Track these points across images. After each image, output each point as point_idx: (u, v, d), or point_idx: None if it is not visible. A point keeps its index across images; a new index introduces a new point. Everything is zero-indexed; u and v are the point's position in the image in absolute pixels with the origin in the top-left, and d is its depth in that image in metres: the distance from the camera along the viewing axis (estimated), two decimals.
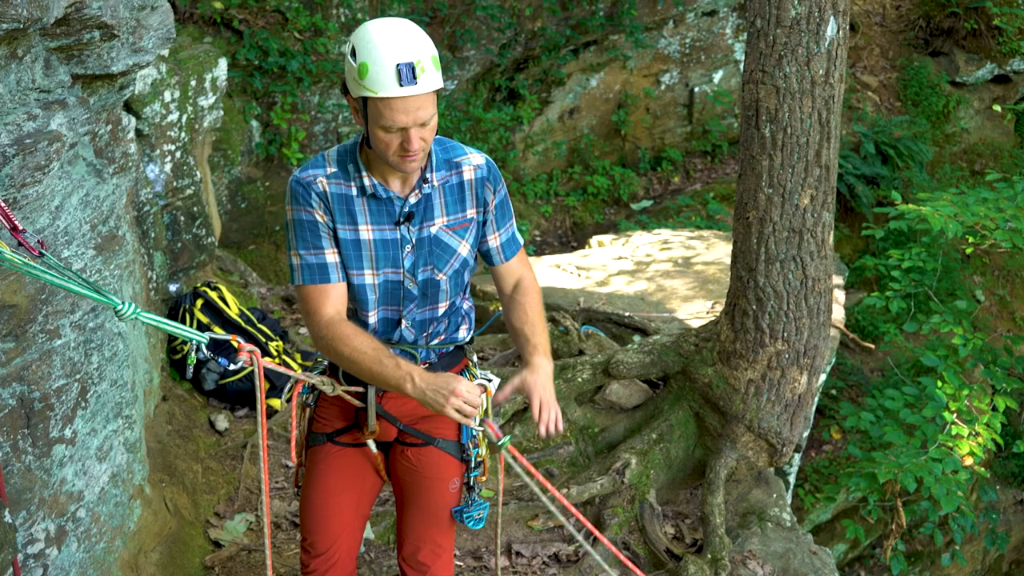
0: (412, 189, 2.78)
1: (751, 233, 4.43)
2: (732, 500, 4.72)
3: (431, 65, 2.54)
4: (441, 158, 2.82)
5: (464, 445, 3.04)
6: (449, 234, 2.85)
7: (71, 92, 3.22)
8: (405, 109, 2.53)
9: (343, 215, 2.78)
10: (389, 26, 2.57)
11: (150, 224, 4.92)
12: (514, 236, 3.00)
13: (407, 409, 2.99)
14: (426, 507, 3.05)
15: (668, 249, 8.53)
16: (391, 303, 2.91)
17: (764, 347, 4.49)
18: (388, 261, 2.83)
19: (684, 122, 13.44)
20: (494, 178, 2.87)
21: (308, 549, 3.08)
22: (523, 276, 3.02)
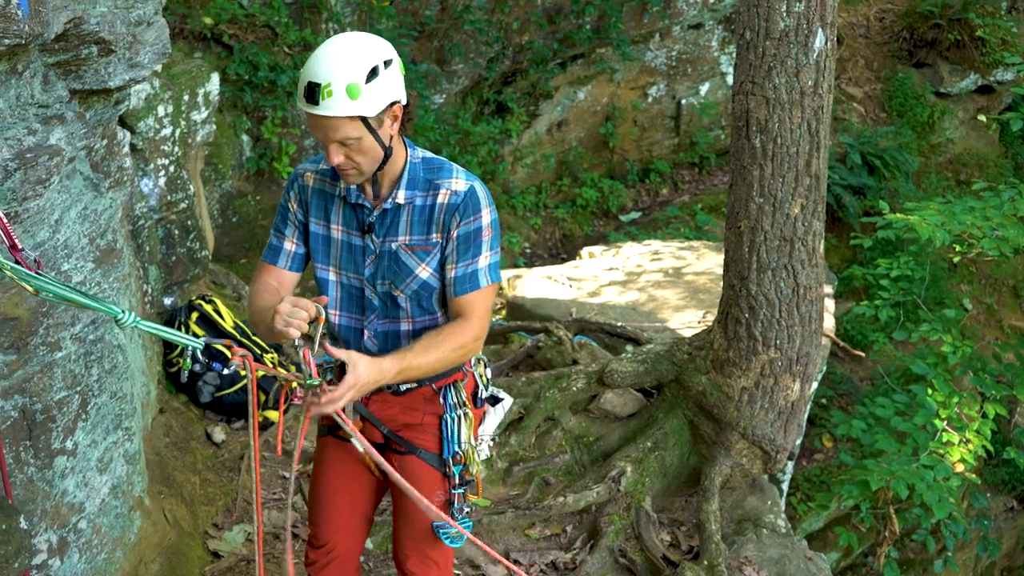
0: (381, 202, 2.85)
1: (743, 242, 4.48)
2: (727, 507, 4.76)
3: (342, 91, 2.56)
4: (423, 177, 2.84)
5: (445, 460, 3.04)
6: (409, 253, 2.85)
7: (69, 107, 3.24)
8: (314, 124, 2.66)
9: (319, 210, 2.93)
10: (334, 44, 2.64)
11: (145, 238, 4.94)
12: (473, 275, 2.84)
13: (391, 413, 3.04)
14: (411, 517, 3.07)
15: (659, 260, 8.59)
16: (354, 310, 2.99)
17: (757, 355, 4.54)
18: (351, 266, 2.93)
19: (671, 134, 13.54)
20: (465, 208, 2.80)
21: (311, 540, 3.18)
22: (462, 317, 2.86)
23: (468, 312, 2.85)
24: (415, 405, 3.02)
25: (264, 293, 2.90)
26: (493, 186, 12.04)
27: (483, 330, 2.88)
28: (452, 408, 3.04)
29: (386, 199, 2.83)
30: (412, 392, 3.00)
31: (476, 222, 2.81)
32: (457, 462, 3.04)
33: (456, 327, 2.83)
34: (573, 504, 4.58)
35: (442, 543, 3.07)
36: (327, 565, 3.14)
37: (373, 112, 2.62)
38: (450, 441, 3.04)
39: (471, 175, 2.88)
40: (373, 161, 2.72)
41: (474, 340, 2.85)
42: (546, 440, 5.05)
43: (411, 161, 2.85)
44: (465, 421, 3.05)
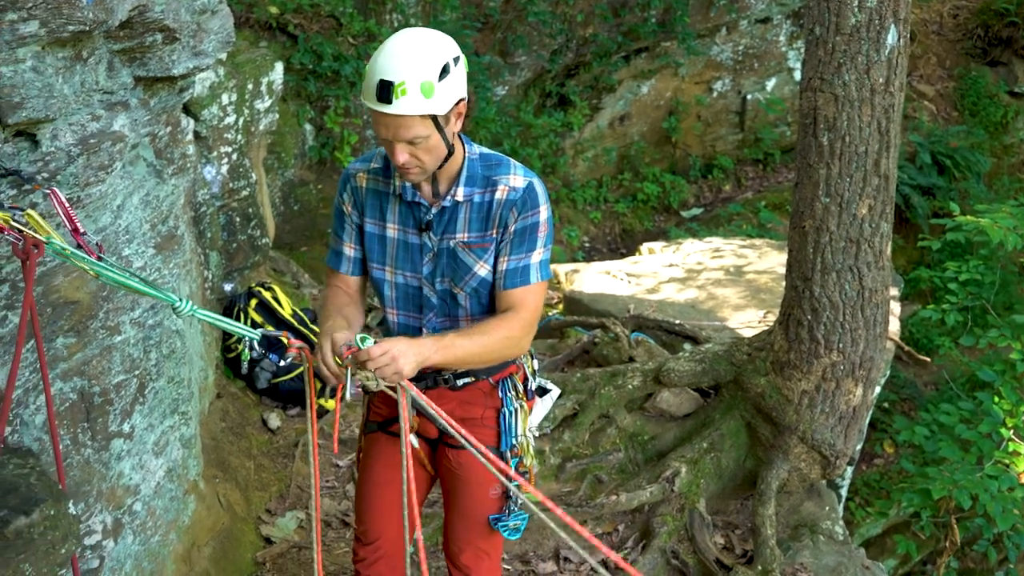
0: (439, 200, 2.81)
1: (807, 242, 4.38)
2: (783, 512, 4.66)
3: (416, 90, 2.51)
4: (481, 174, 2.79)
5: (503, 453, 3.01)
6: (467, 251, 2.82)
7: (133, 94, 3.27)
8: (384, 123, 2.58)
9: (374, 210, 2.89)
10: (402, 39, 2.58)
11: (206, 224, 4.99)
12: (525, 270, 2.80)
13: (447, 408, 2.97)
14: (466, 511, 3.06)
15: (720, 257, 8.46)
16: (411, 309, 2.96)
17: (819, 358, 4.43)
18: (408, 264, 2.89)
19: (736, 130, 13.36)
20: (524, 204, 2.76)
21: (359, 537, 3.17)
22: (513, 309, 2.81)
23: (517, 307, 2.80)
24: (473, 399, 3.00)
25: (335, 297, 2.93)
26: (553, 179, 11.99)
27: (531, 325, 2.83)
28: (510, 401, 3.02)
29: (445, 197, 2.79)
30: (470, 387, 2.97)
31: (533, 217, 2.77)
32: (514, 454, 3.02)
33: (504, 318, 2.78)
34: (626, 503, 4.52)
35: (496, 536, 3.06)
36: (375, 562, 3.13)
37: (444, 110, 2.58)
38: (507, 434, 3.01)
39: (529, 171, 2.83)
40: (437, 159, 2.67)
41: (522, 334, 2.81)
42: (600, 437, 5.00)
43: (469, 157, 2.80)
44: (521, 413, 3.03)
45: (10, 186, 2.54)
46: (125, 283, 2.37)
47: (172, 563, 3.66)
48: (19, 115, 2.46)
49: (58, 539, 1.53)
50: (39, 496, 1.57)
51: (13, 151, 2.61)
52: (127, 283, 2.37)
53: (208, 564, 3.87)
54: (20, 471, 1.67)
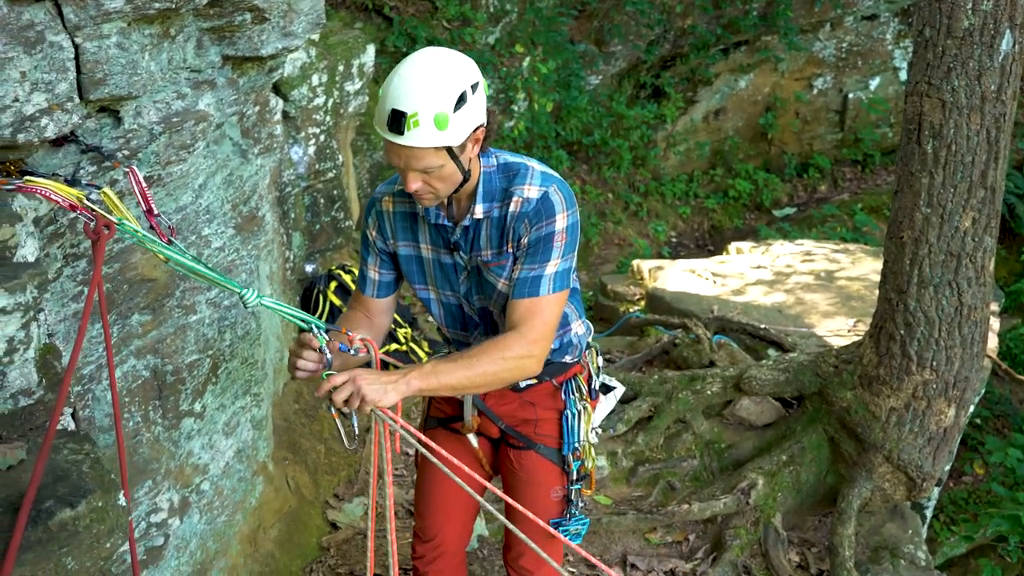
0: (460, 219, 2.68)
1: (904, 253, 4.17)
2: (863, 532, 4.48)
3: (429, 121, 2.35)
4: (499, 187, 2.64)
5: (566, 456, 2.94)
6: (488, 270, 2.70)
7: (221, 73, 3.25)
8: (396, 152, 2.44)
9: (406, 232, 2.78)
10: (418, 65, 2.41)
11: (291, 205, 5.00)
12: (536, 280, 2.59)
13: (508, 409, 2.94)
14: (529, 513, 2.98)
15: (810, 261, 8.21)
16: (458, 327, 2.90)
17: (910, 375, 4.23)
18: (446, 284, 2.81)
19: (835, 129, 12.97)
20: (537, 214, 2.57)
21: (418, 534, 3.14)
22: (516, 328, 2.60)
23: (521, 321, 2.59)
24: (535, 400, 2.93)
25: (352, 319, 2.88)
26: (643, 172, 11.81)
27: (536, 344, 2.58)
28: (573, 403, 2.94)
29: (464, 216, 2.67)
30: (533, 388, 2.91)
31: (548, 227, 2.58)
32: (576, 457, 2.94)
33: (498, 340, 2.57)
34: (698, 512, 4.39)
35: (556, 540, 2.98)
36: (435, 559, 3.10)
37: (459, 141, 2.43)
38: (570, 436, 2.93)
39: (549, 176, 2.64)
40: (451, 186, 2.54)
41: (524, 352, 2.56)
42: (675, 443, 4.87)
43: (485, 172, 2.64)
44: (584, 415, 2.95)
45: (90, 163, 2.53)
46: (193, 269, 2.34)
47: (237, 543, 3.67)
48: (101, 91, 2.45)
49: (104, 532, 1.49)
50: (89, 486, 1.53)
51: (96, 127, 2.60)
52: (195, 269, 2.34)
53: (273, 546, 3.88)
54: (74, 457, 1.64)
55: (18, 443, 1.67)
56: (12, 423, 1.72)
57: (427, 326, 6.07)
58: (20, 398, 1.75)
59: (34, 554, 1.40)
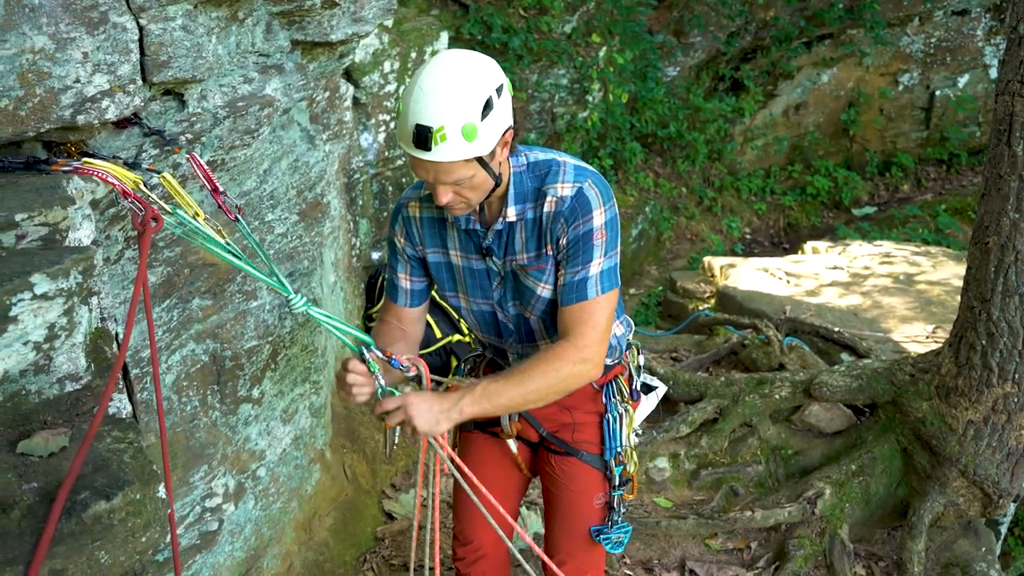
0: (492, 223, 2.57)
1: (989, 260, 3.98)
2: (934, 548, 4.30)
3: (457, 134, 2.24)
4: (530, 187, 2.52)
5: (607, 462, 2.85)
6: (525, 274, 2.59)
7: (290, 58, 3.23)
8: (424, 167, 2.33)
9: (434, 238, 2.68)
10: (438, 75, 2.28)
11: (359, 192, 4.98)
12: (582, 284, 2.48)
13: (549, 413, 2.85)
14: (569, 521, 2.91)
15: (889, 263, 7.96)
16: (492, 334, 2.81)
17: (991, 387, 4.04)
18: (478, 291, 2.70)
19: (920, 127, 12.58)
20: (572, 213, 2.46)
21: (458, 536, 3.09)
22: (568, 336, 2.51)
23: (572, 328, 2.50)
24: (575, 404, 2.83)
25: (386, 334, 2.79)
26: (718, 166, 11.60)
27: (589, 348, 2.49)
28: (614, 407, 2.85)
29: (496, 219, 2.56)
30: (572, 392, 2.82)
31: (587, 224, 2.46)
32: (618, 462, 2.85)
33: (550, 353, 2.48)
34: (761, 520, 4.26)
35: (598, 548, 2.90)
36: (475, 562, 3.05)
37: (488, 149, 2.32)
38: (612, 440, 2.84)
39: (584, 171, 2.52)
40: (483, 194, 2.44)
41: (579, 360, 2.47)
42: (740, 447, 4.74)
43: (515, 172, 2.52)
44: (626, 418, 2.86)
45: (153, 146, 2.52)
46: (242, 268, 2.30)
47: (292, 530, 3.66)
48: (164, 74, 2.43)
49: (139, 526, 1.46)
50: (127, 478, 1.50)
51: (160, 110, 2.59)
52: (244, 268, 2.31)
53: (328, 534, 3.87)
54: (117, 446, 1.62)
55: (62, 429, 1.65)
56: (58, 408, 1.71)
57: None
58: (67, 383, 1.73)
59: (66, 547, 1.37)
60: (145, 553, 1.47)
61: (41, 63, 2.06)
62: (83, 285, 1.67)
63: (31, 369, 1.67)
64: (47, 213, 1.78)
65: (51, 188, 1.89)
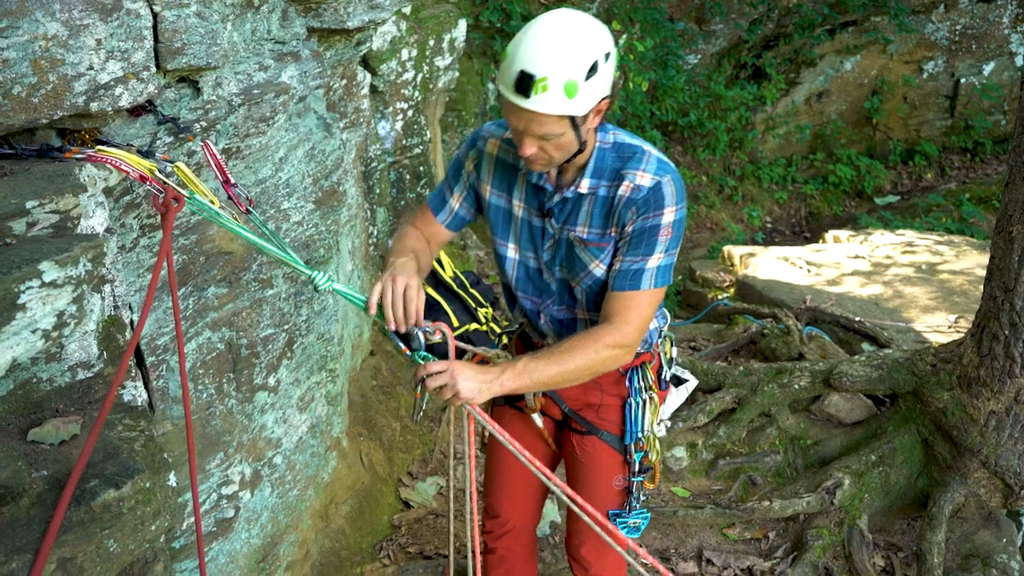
0: (563, 188, 2.58)
1: (1013, 249, 3.93)
2: (954, 539, 4.26)
3: (558, 88, 2.25)
4: (610, 166, 2.53)
5: (628, 446, 2.85)
6: (583, 248, 2.59)
7: (306, 45, 3.22)
8: (517, 114, 2.33)
9: (501, 183, 2.71)
10: (553, 25, 2.29)
11: (376, 180, 4.98)
12: (638, 273, 2.51)
13: (573, 392, 2.87)
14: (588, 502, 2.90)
15: (911, 252, 7.88)
16: (532, 292, 2.81)
17: (1013, 378, 3.99)
18: (530, 246, 2.72)
19: (945, 115, 12.45)
20: (646, 204, 2.46)
21: (487, 510, 3.15)
22: (611, 320, 2.53)
23: (616, 313, 2.52)
24: (600, 385, 2.84)
25: (412, 239, 2.74)
26: (739, 155, 11.53)
27: (631, 337, 2.52)
28: (638, 392, 2.85)
29: (568, 187, 2.57)
30: None
31: (655, 219, 2.47)
32: (639, 448, 2.85)
33: (593, 333, 2.50)
34: (779, 510, 4.24)
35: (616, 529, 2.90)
36: (502, 536, 3.12)
37: (584, 111, 2.33)
38: (633, 425, 2.84)
39: (665, 165, 2.51)
40: (566, 155, 2.45)
41: (616, 344, 2.49)
42: (758, 437, 4.71)
43: (600, 147, 2.54)
44: (650, 405, 2.85)
45: (167, 134, 2.52)
46: (264, 248, 2.31)
47: (308, 518, 3.67)
48: (179, 61, 2.42)
49: (149, 515, 1.46)
50: (138, 466, 1.50)
51: (175, 97, 2.59)
52: (266, 249, 2.31)
53: (344, 522, 3.87)
54: (128, 434, 1.61)
55: (74, 417, 1.65)
56: (70, 396, 1.71)
57: None
58: (79, 371, 1.73)
59: (75, 535, 1.37)
60: (155, 541, 1.47)
61: (54, 50, 2.06)
62: (93, 273, 1.66)
63: (42, 357, 1.67)
64: (58, 200, 1.77)
65: (63, 175, 1.89)
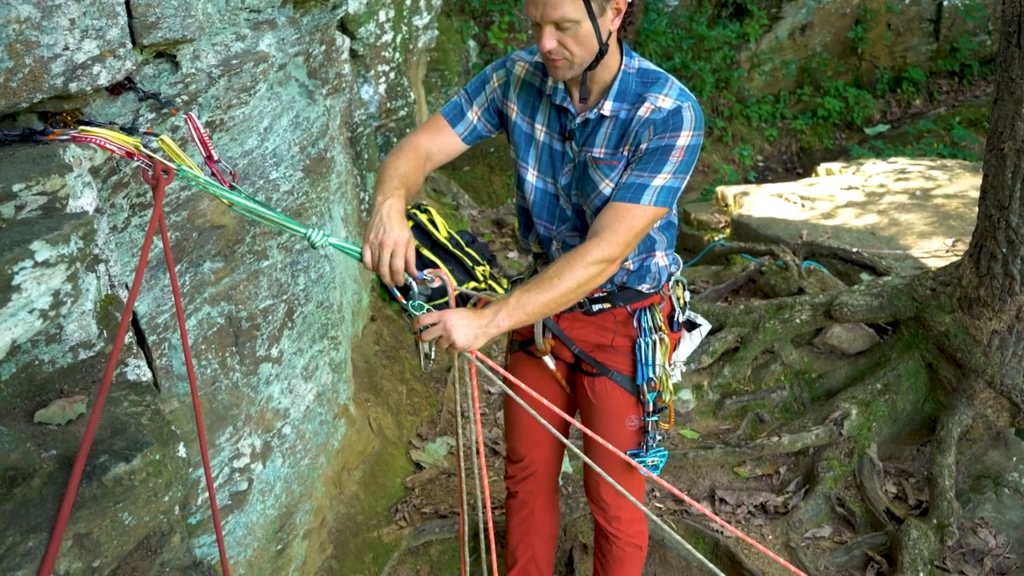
0: (586, 110, 2.61)
1: (1005, 166, 3.92)
2: (964, 461, 4.30)
3: None
4: (633, 90, 2.55)
5: (639, 386, 2.87)
6: (595, 167, 2.61)
7: (281, 12, 3.18)
8: (534, 1, 2.36)
9: (526, 105, 2.73)
10: None
11: (363, 145, 4.95)
12: (640, 188, 2.48)
13: (583, 334, 2.89)
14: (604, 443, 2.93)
15: (904, 179, 7.86)
16: (547, 218, 2.82)
17: (1013, 295, 4.00)
18: (549, 170, 2.74)
19: (929, 39, 12.35)
20: (664, 123, 2.47)
21: (509, 455, 3.20)
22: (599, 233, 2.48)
23: (607, 226, 2.47)
24: (608, 326, 2.86)
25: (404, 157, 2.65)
26: (726, 95, 11.46)
27: (616, 250, 2.46)
28: (647, 332, 2.85)
29: (591, 108, 2.60)
30: (605, 312, 2.84)
31: (671, 139, 2.47)
32: (651, 388, 2.87)
33: (578, 250, 2.45)
34: (789, 445, 4.27)
35: (635, 472, 2.93)
36: (525, 479, 3.17)
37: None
38: (644, 366, 2.86)
39: (687, 94, 2.53)
40: (587, 53, 2.45)
41: (601, 261, 2.44)
42: (763, 374, 4.73)
43: (625, 71, 2.57)
44: (660, 346, 2.86)
45: (149, 110, 2.49)
46: (257, 212, 2.30)
47: (321, 486, 3.69)
48: (154, 35, 2.39)
49: (161, 486, 1.46)
50: (146, 439, 1.50)
51: (154, 73, 2.56)
52: (259, 212, 2.30)
53: (357, 487, 3.90)
54: (134, 409, 1.62)
55: (79, 397, 1.65)
56: (73, 376, 1.71)
57: (506, 263, 6.01)
58: (80, 351, 1.73)
59: (88, 511, 1.38)
60: (170, 512, 1.48)
61: (28, 32, 2.03)
62: (85, 251, 1.65)
63: (43, 339, 1.66)
64: (45, 182, 1.76)
65: (47, 157, 1.87)
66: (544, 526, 3.32)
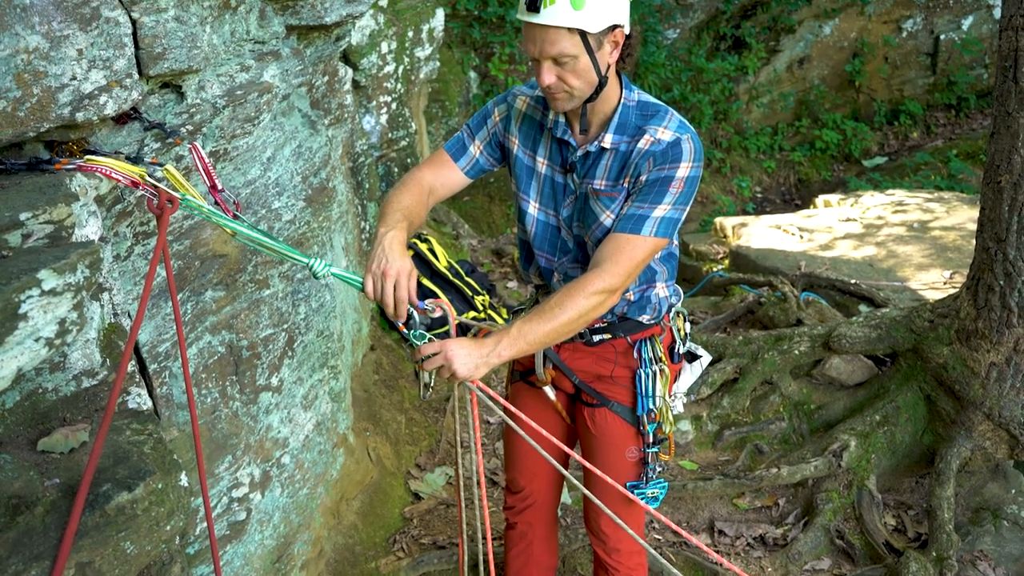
0: (586, 142, 2.64)
1: (1002, 199, 3.94)
2: (963, 493, 4.29)
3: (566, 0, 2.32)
4: (633, 123, 2.59)
5: (639, 417, 2.87)
6: (596, 199, 2.63)
7: (285, 43, 3.21)
8: (531, 37, 2.40)
9: (527, 139, 2.77)
10: None
11: (364, 175, 4.97)
12: (640, 219, 2.50)
13: (583, 364, 2.90)
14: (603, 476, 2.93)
15: (902, 211, 7.90)
16: (549, 250, 2.84)
17: (1011, 328, 4.01)
18: (551, 203, 2.77)
19: (927, 72, 12.45)
20: (663, 155, 2.49)
21: (508, 486, 3.19)
22: (600, 264, 2.50)
23: (608, 256, 2.49)
24: (609, 356, 2.87)
25: (407, 192, 2.67)
26: (724, 127, 11.53)
27: (617, 281, 2.48)
28: (647, 363, 2.86)
29: (592, 141, 2.63)
30: (605, 343, 2.86)
31: (671, 170, 2.50)
32: (651, 420, 2.87)
33: (579, 281, 2.47)
34: (788, 476, 4.26)
35: (635, 504, 2.92)
36: (524, 510, 3.16)
37: (594, 28, 2.37)
38: (644, 397, 2.86)
39: (686, 126, 2.57)
40: (586, 86, 2.48)
41: (602, 292, 2.45)
42: (762, 405, 4.73)
43: (625, 103, 2.61)
44: (661, 377, 2.87)
45: (154, 140, 2.51)
46: (260, 242, 2.31)
47: (320, 516, 3.68)
48: (161, 66, 2.42)
49: (163, 515, 1.46)
50: (148, 468, 1.51)
51: (159, 103, 2.58)
52: (262, 242, 2.31)
53: (356, 517, 3.89)
54: (137, 438, 1.62)
55: (81, 425, 1.66)
56: (76, 405, 1.71)
57: (505, 293, 6.02)
58: (83, 379, 1.74)
59: (91, 540, 1.38)
60: (171, 541, 1.48)
61: (36, 62, 2.06)
62: (91, 279, 1.67)
63: (47, 367, 1.67)
64: (51, 211, 1.78)
65: (54, 186, 1.89)
66: (543, 557, 3.31)
